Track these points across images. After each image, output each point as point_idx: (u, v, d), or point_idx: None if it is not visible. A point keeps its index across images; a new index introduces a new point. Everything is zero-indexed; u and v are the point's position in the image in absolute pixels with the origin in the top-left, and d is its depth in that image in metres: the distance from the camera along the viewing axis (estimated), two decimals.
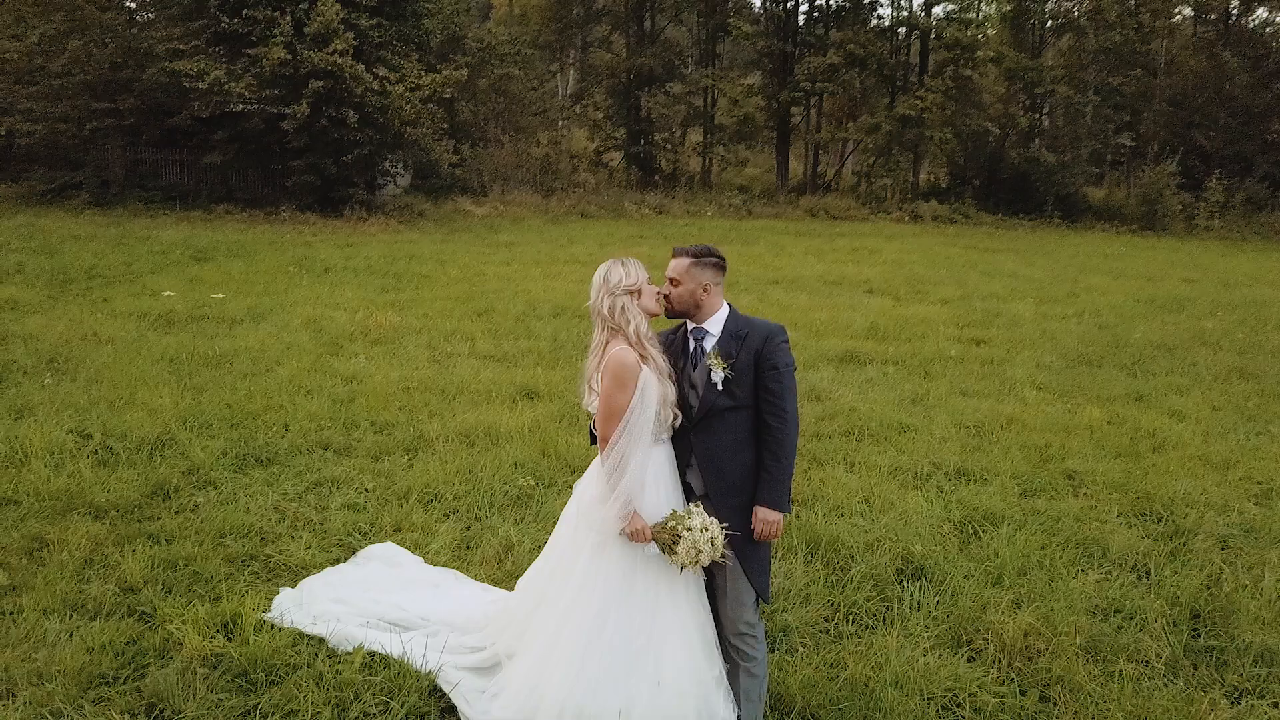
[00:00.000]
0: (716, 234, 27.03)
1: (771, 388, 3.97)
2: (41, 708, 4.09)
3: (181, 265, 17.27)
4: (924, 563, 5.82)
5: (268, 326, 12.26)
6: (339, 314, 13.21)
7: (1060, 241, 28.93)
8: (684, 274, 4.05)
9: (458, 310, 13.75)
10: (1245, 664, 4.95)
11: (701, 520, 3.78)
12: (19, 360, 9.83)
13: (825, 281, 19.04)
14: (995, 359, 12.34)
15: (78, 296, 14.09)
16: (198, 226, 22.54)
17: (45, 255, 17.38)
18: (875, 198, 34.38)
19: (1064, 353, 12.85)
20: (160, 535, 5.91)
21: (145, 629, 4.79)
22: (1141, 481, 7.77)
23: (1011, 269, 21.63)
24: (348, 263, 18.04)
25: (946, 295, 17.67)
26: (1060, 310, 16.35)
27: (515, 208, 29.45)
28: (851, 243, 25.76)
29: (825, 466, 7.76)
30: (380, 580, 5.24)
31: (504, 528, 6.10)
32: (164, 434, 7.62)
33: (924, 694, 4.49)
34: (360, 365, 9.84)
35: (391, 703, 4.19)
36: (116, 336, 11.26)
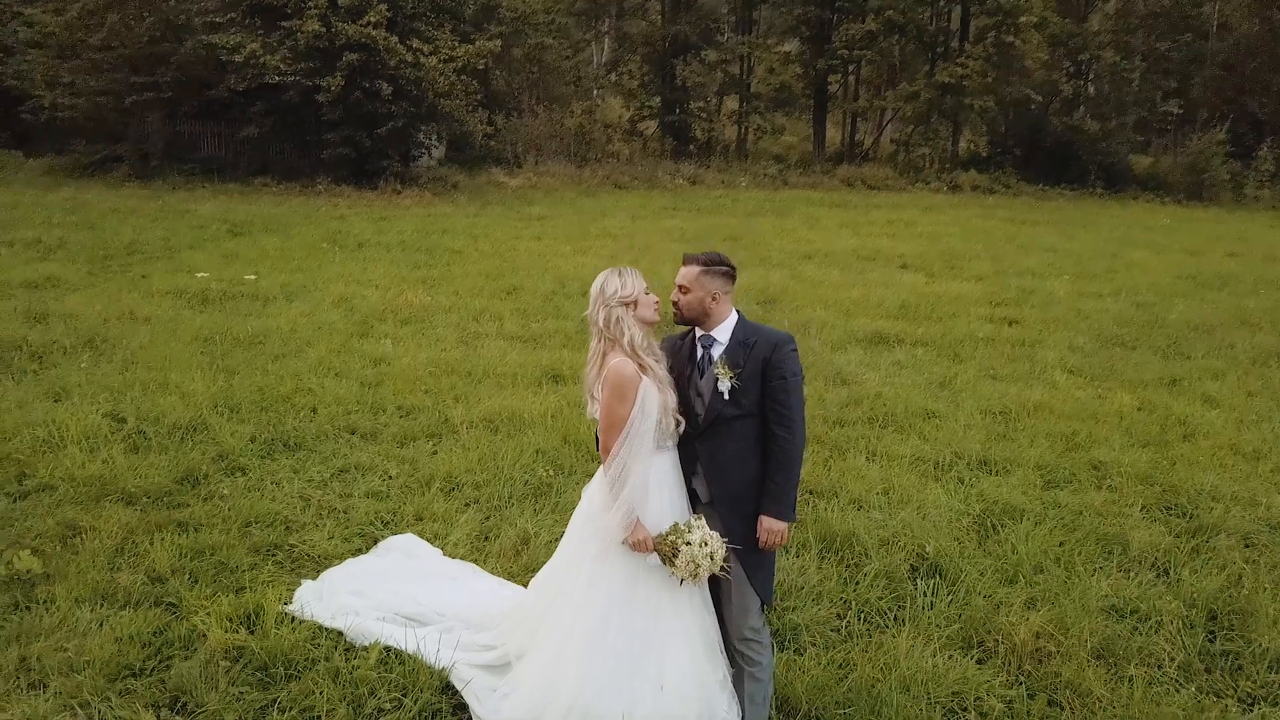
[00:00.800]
0: (751, 205, 26.86)
1: (779, 397, 3.97)
2: (71, 699, 4.25)
3: (218, 240, 17.51)
4: (939, 560, 5.82)
5: (300, 305, 12.42)
6: (370, 291, 13.35)
7: (1102, 213, 28.37)
8: (693, 282, 4.06)
9: (487, 288, 13.83)
10: (1260, 670, 4.92)
11: (701, 535, 3.82)
12: (59, 340, 10.06)
13: (859, 256, 18.87)
14: (1027, 340, 12.19)
15: (117, 273, 14.35)
16: (235, 200, 22.80)
17: (86, 230, 17.69)
18: (913, 167, 33.87)
19: (1098, 334, 12.67)
20: (189, 523, 6.07)
21: (171, 619, 4.95)
22: (1168, 473, 7.68)
23: (1050, 243, 21.27)
24: (380, 238, 18.17)
25: (981, 271, 17.45)
26: (1097, 288, 16.09)
27: (549, 179, 29.42)
28: (887, 215, 25.47)
29: (847, 456, 7.76)
30: (399, 571, 5.35)
31: (522, 519, 6.19)
32: (195, 418, 7.79)
33: (930, 697, 4.52)
34: (387, 349, 9.92)
35: (405, 699, 4.31)
36: (153, 315, 11.47)
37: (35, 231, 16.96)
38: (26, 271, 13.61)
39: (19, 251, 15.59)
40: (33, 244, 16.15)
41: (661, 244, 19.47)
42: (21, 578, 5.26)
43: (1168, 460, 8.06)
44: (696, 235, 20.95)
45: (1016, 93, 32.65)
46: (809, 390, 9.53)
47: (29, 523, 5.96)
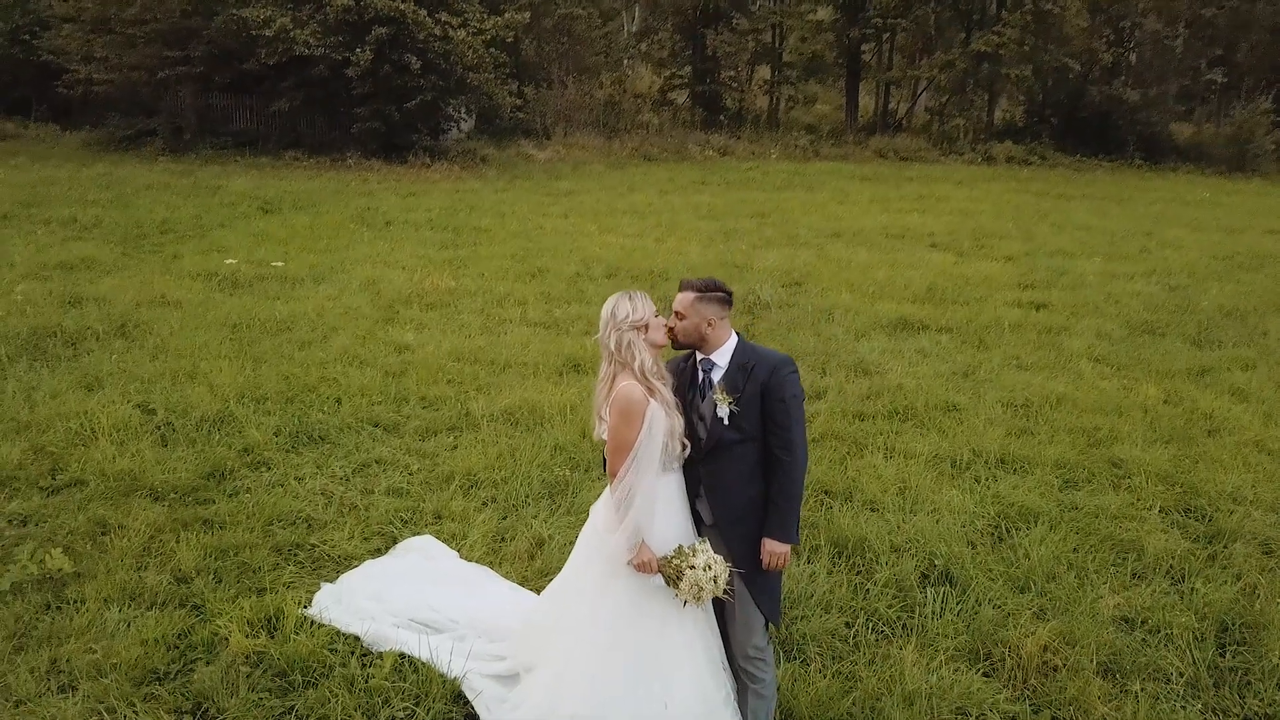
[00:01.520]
0: (780, 178, 26.65)
1: (779, 420, 4.01)
2: (98, 703, 4.42)
3: (249, 218, 17.69)
4: (950, 567, 5.85)
5: (327, 288, 12.56)
6: (397, 274, 13.46)
7: (1140, 186, 27.84)
8: (688, 308, 4.09)
9: (513, 270, 13.90)
10: (1269, 688, 4.92)
11: (705, 559, 3.88)
12: (92, 326, 10.27)
13: (888, 234, 18.71)
14: (1054, 326, 12.08)
15: (149, 253, 14.58)
16: (266, 175, 22.97)
17: (120, 208, 17.95)
18: (947, 138, 33.38)
19: (1127, 320, 12.52)
20: (214, 520, 6.23)
21: (196, 622, 5.10)
22: (1189, 473, 7.63)
23: (1083, 220, 20.95)
24: (408, 215, 18.27)
25: (1011, 251, 17.24)
26: (1129, 269, 15.86)
27: (578, 151, 29.34)
28: (919, 189, 25.18)
29: (864, 453, 7.77)
30: (417, 574, 5.47)
31: (537, 521, 6.28)
32: (222, 410, 7.95)
33: (934, 712, 4.57)
34: (410, 339, 10.02)
35: (417, 709, 4.43)
36: (184, 299, 11.66)
37: (71, 209, 17.23)
38: (62, 252, 13.86)
39: (55, 230, 15.86)
40: (68, 222, 16.42)
41: (689, 221, 19.43)
42: (53, 577, 5.43)
43: (1190, 458, 8.00)
44: (725, 211, 20.88)
45: (1054, 61, 31.99)
46: (831, 381, 9.55)
47: (61, 519, 6.15)
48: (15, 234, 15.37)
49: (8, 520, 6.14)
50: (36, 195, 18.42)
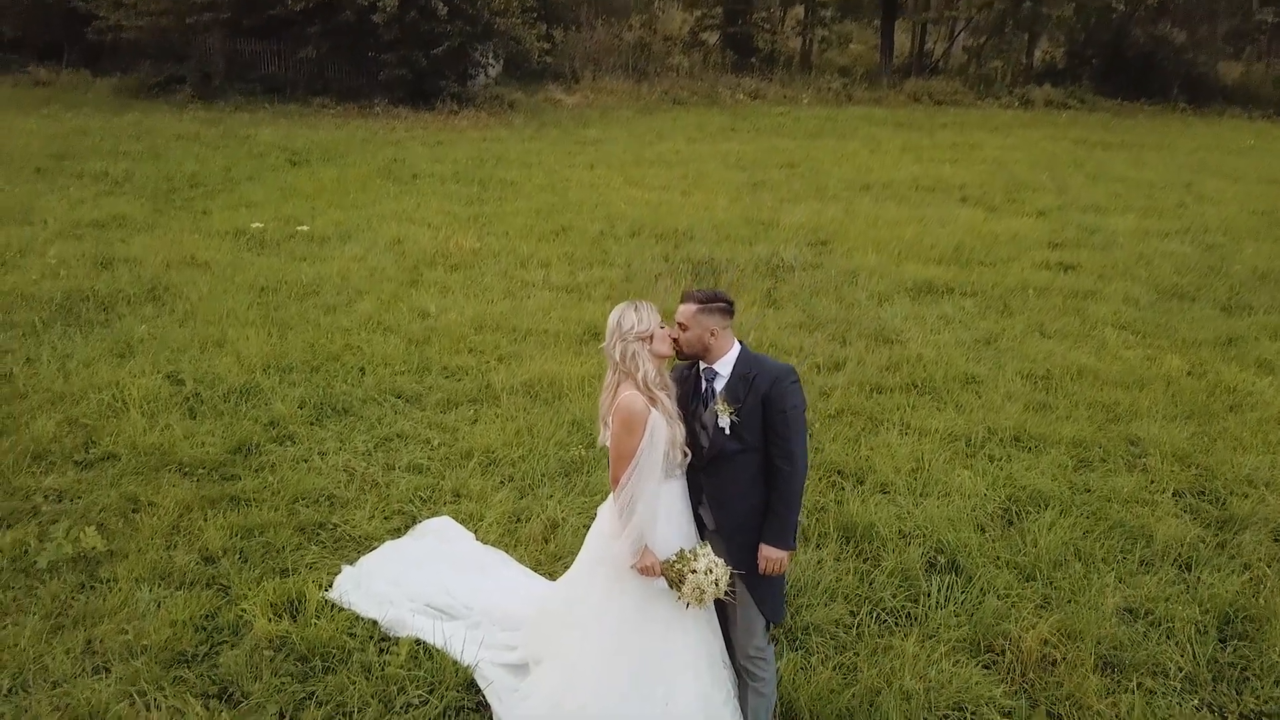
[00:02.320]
0: (811, 124, 26.26)
1: (779, 430, 4.08)
2: (129, 686, 4.64)
3: (277, 171, 17.78)
4: (957, 555, 5.93)
5: (354, 247, 12.67)
6: (423, 232, 13.53)
7: (1182, 133, 27.13)
8: (691, 320, 4.14)
9: (537, 229, 13.92)
10: (1267, 685, 4.99)
11: (706, 563, 3.99)
12: (124, 290, 10.48)
13: (918, 187, 18.46)
14: (1081, 290, 11.96)
15: (180, 209, 14.75)
16: (295, 123, 22.99)
17: (151, 160, 18.10)
18: (985, 81, 32.59)
19: (1157, 283, 12.36)
20: (240, 497, 6.43)
21: (222, 604, 5.32)
22: (1206, 452, 7.62)
23: (1120, 171, 20.51)
24: (435, 168, 18.26)
25: (1044, 205, 16.99)
26: (1164, 225, 15.58)
27: (606, 95, 29.03)
28: (953, 136, 24.73)
29: (880, 429, 7.82)
30: (434, 557, 5.64)
31: (552, 502, 6.42)
32: (249, 382, 8.13)
33: (931, 706, 4.69)
34: (433, 310, 10.12)
35: (431, 697, 4.62)
36: (213, 260, 11.83)
37: (103, 163, 17.40)
38: (94, 209, 14.06)
39: (87, 185, 16.06)
40: (100, 176, 16.61)
41: (717, 172, 19.28)
42: (87, 555, 5.67)
43: (1209, 436, 7.98)
44: (754, 161, 20.67)
45: (1098, 1, 31.00)
46: (851, 352, 9.56)
47: (94, 495, 6.38)
48: (49, 189, 15.57)
49: (44, 496, 6.38)
50: (69, 147, 18.60)
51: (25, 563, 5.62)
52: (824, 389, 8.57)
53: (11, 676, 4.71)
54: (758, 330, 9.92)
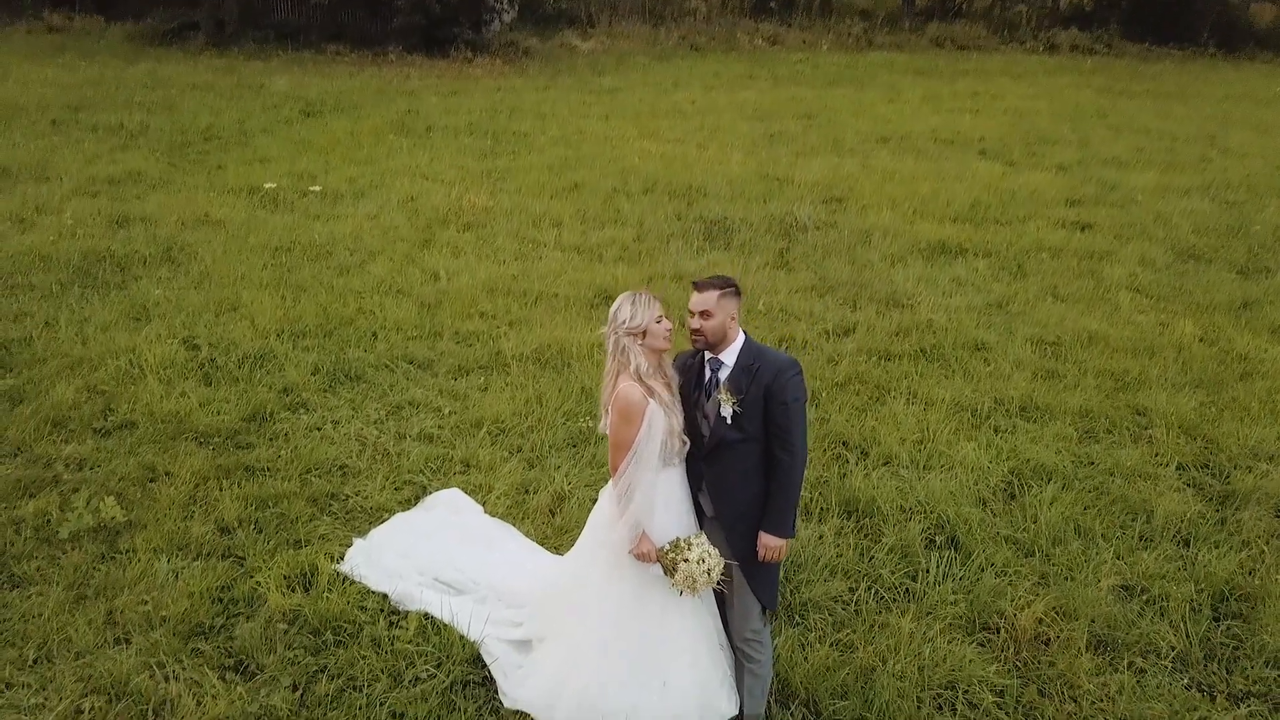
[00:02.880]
0: (830, 72, 25.86)
1: (780, 422, 4.13)
2: (149, 658, 4.82)
3: (290, 123, 17.74)
4: (957, 531, 6.01)
5: (367, 205, 12.69)
6: (436, 188, 13.53)
7: (1210, 79, 26.55)
8: (715, 306, 4.17)
9: (550, 185, 13.88)
10: (1256, 665, 5.08)
11: (699, 552, 4.09)
12: (140, 250, 10.57)
13: (937, 140, 18.23)
14: (1097, 251, 11.86)
15: (194, 163, 14.79)
16: (308, 71, 22.85)
17: (165, 112, 18.09)
18: (1009, 25, 31.89)
19: (1174, 244, 12.24)
20: (255, 467, 6.58)
21: (238, 575, 5.48)
22: (1214, 424, 7.64)
23: (1144, 122, 20.16)
24: (449, 119, 18.16)
25: (1064, 159, 16.76)
26: (1185, 181, 15.35)
27: (622, 41, 28.63)
28: (974, 84, 24.31)
29: (887, 398, 7.87)
30: (442, 529, 5.78)
31: (559, 474, 6.53)
32: (263, 348, 8.24)
33: (925, 685, 4.81)
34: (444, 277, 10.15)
35: (439, 672, 4.78)
36: (227, 218, 11.90)
37: (118, 115, 17.42)
38: (110, 165, 14.12)
39: (103, 138, 16.11)
40: (115, 129, 16.64)
41: (733, 123, 19.09)
42: (107, 526, 5.83)
43: (1217, 406, 7.99)
44: (771, 111, 20.44)
45: None
46: (861, 316, 9.57)
47: (113, 465, 6.53)
48: (64, 142, 15.64)
49: (65, 464, 6.54)
50: (84, 98, 18.60)
51: (48, 532, 5.79)
52: (832, 356, 8.60)
53: (36, 647, 4.90)
54: (768, 295, 9.93)
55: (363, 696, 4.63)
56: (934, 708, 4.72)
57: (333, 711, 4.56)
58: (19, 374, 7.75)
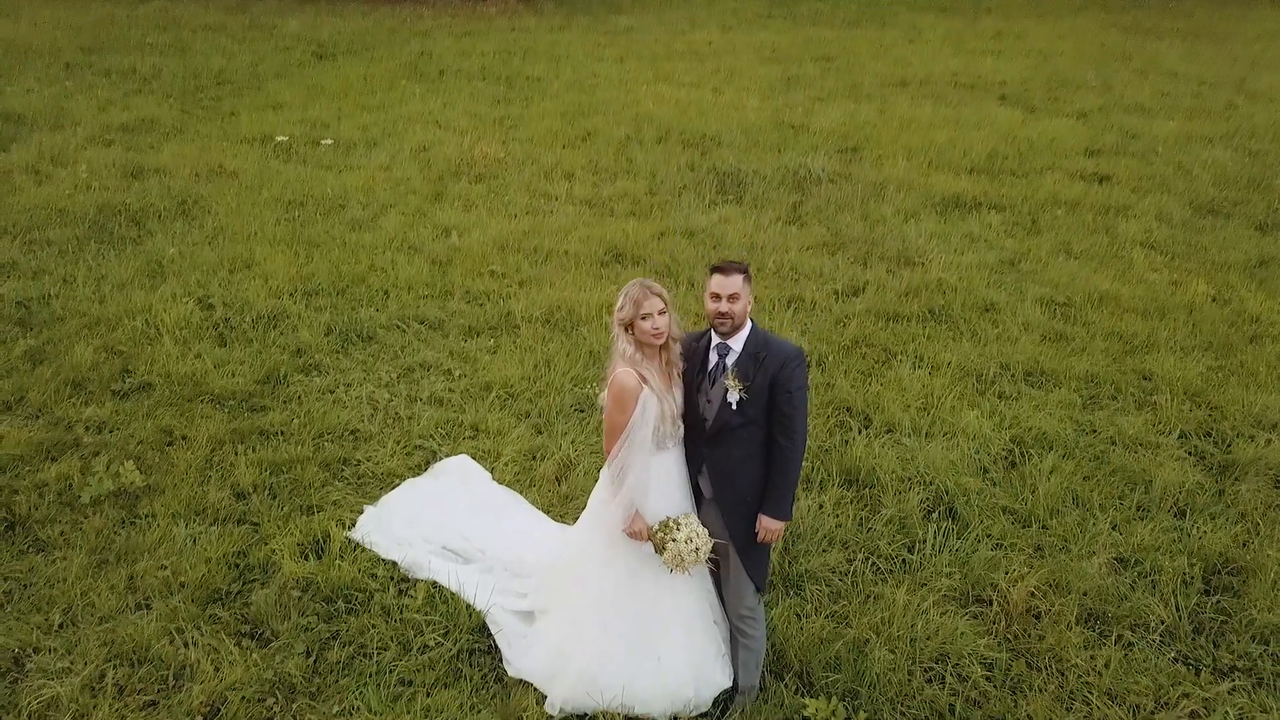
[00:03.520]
0: (851, 10, 25.39)
1: (784, 410, 4.21)
2: (169, 623, 5.02)
3: (304, 67, 17.66)
4: (955, 502, 6.10)
5: (380, 155, 12.69)
6: (448, 137, 13.50)
7: (1244, 16, 25.84)
8: (741, 289, 4.21)
9: (562, 134, 13.81)
10: (1243, 640, 5.18)
11: (688, 532, 4.21)
12: (154, 204, 10.66)
13: (957, 84, 17.95)
14: (1114, 205, 11.75)
15: (207, 110, 14.80)
16: (321, 11, 22.66)
17: (178, 55, 18.04)
18: None
19: (1193, 197, 12.09)
20: (269, 431, 6.73)
21: (253, 541, 5.65)
22: (1219, 389, 7.65)
23: (1171, 64, 19.72)
24: (462, 62, 18.02)
25: (1085, 105, 16.47)
26: (1209, 130, 15.09)
27: None
28: (998, 23, 23.81)
29: (893, 362, 7.91)
30: (450, 498, 5.93)
31: (566, 441, 6.65)
32: (276, 308, 8.36)
33: (916, 657, 4.95)
34: (455, 238, 10.17)
35: (446, 641, 4.95)
36: (240, 169, 11.95)
37: (130, 58, 17.38)
38: (123, 112, 14.17)
39: (116, 83, 16.11)
40: (128, 73, 16.64)
41: (749, 66, 18.84)
42: (127, 490, 6.01)
43: (1224, 370, 7.99)
44: (788, 53, 20.15)
45: None
46: (871, 275, 9.57)
47: (131, 428, 6.70)
48: (78, 87, 15.66)
49: (85, 427, 6.71)
50: (96, 40, 18.55)
51: (70, 497, 5.98)
52: (841, 318, 8.64)
53: (62, 612, 5.10)
54: (779, 253, 9.93)
55: (373, 664, 4.82)
56: (924, 680, 4.87)
57: (344, 678, 4.75)
58: (39, 333, 7.91)
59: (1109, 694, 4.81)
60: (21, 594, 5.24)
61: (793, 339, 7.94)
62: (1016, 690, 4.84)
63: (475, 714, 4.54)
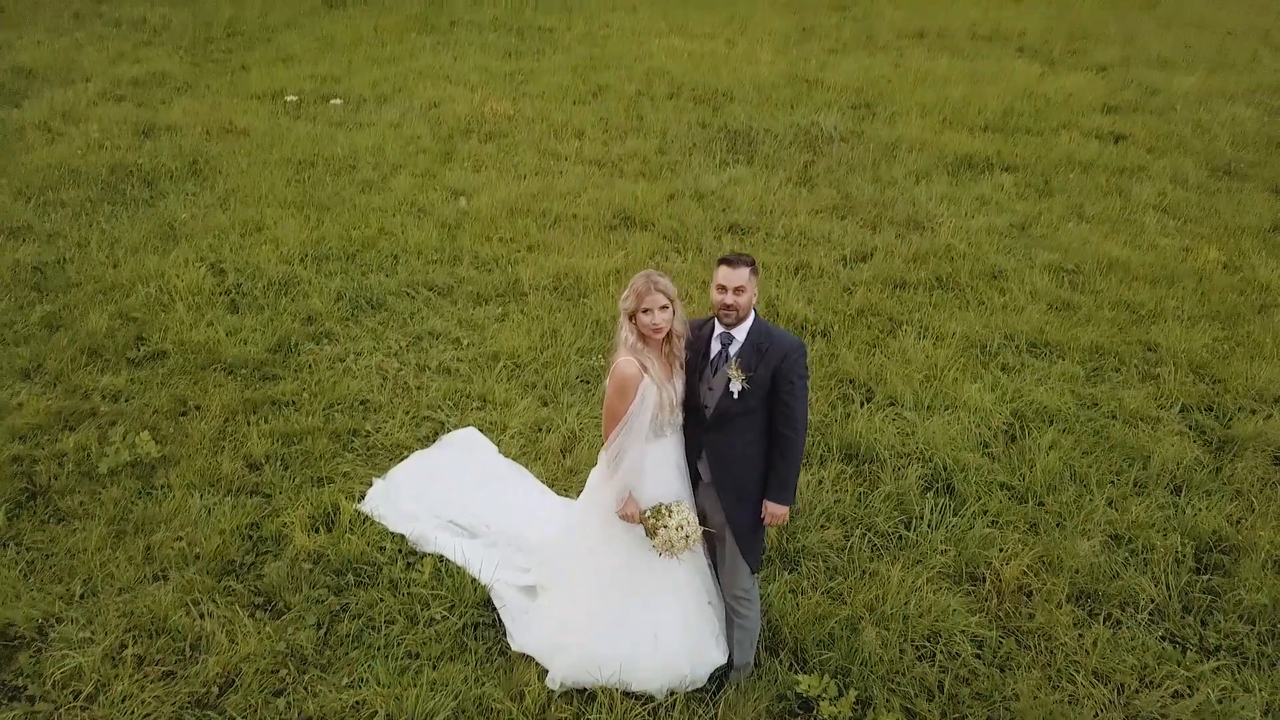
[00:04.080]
0: None
1: (786, 400, 4.30)
2: (185, 595, 5.20)
3: (314, 16, 17.55)
4: (953, 478, 6.19)
5: (390, 112, 12.67)
6: (459, 93, 13.44)
7: None
8: (748, 282, 4.27)
9: (573, 90, 13.72)
10: (1230, 619, 5.28)
11: (678, 519, 4.33)
12: (166, 164, 10.71)
13: (975, 35, 17.70)
14: (1129, 166, 11.64)
15: (217, 63, 14.75)
16: None
17: (188, 3, 17.91)
18: None
19: (1210, 158, 11.97)
20: (281, 400, 6.86)
21: (266, 513, 5.81)
22: (1224, 362, 7.68)
23: (1196, 12, 19.35)
24: (473, 13, 17.86)
25: (1106, 58, 16.23)
26: (1231, 85, 14.85)
27: None
28: None
29: (898, 333, 7.95)
30: (457, 471, 6.06)
31: (571, 413, 6.76)
32: (287, 274, 8.44)
33: (909, 635, 5.09)
34: (466, 198, 10.19)
35: (451, 615, 5.12)
36: (251, 127, 11.96)
37: (140, 8, 17.31)
38: (133, 65, 14.16)
39: (126, 34, 16.06)
40: (138, 24, 16.58)
41: (764, 16, 18.61)
42: (143, 461, 6.17)
43: (1231, 341, 8.01)
44: (802, 2, 19.83)
45: None
46: (880, 240, 9.58)
47: (147, 396, 6.85)
48: (87, 38, 15.63)
49: (101, 396, 6.86)
50: None
51: (88, 467, 6.14)
52: (848, 285, 8.66)
53: (82, 582, 5.29)
54: (788, 217, 9.92)
55: (381, 637, 4.99)
56: (915, 657, 5.01)
57: (354, 650, 4.92)
58: (54, 299, 8.04)
59: (1095, 673, 4.93)
60: (44, 564, 5.42)
61: (799, 308, 8.04)
62: (1005, 668, 4.97)
63: (479, 687, 4.71)
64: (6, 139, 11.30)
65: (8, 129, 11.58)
